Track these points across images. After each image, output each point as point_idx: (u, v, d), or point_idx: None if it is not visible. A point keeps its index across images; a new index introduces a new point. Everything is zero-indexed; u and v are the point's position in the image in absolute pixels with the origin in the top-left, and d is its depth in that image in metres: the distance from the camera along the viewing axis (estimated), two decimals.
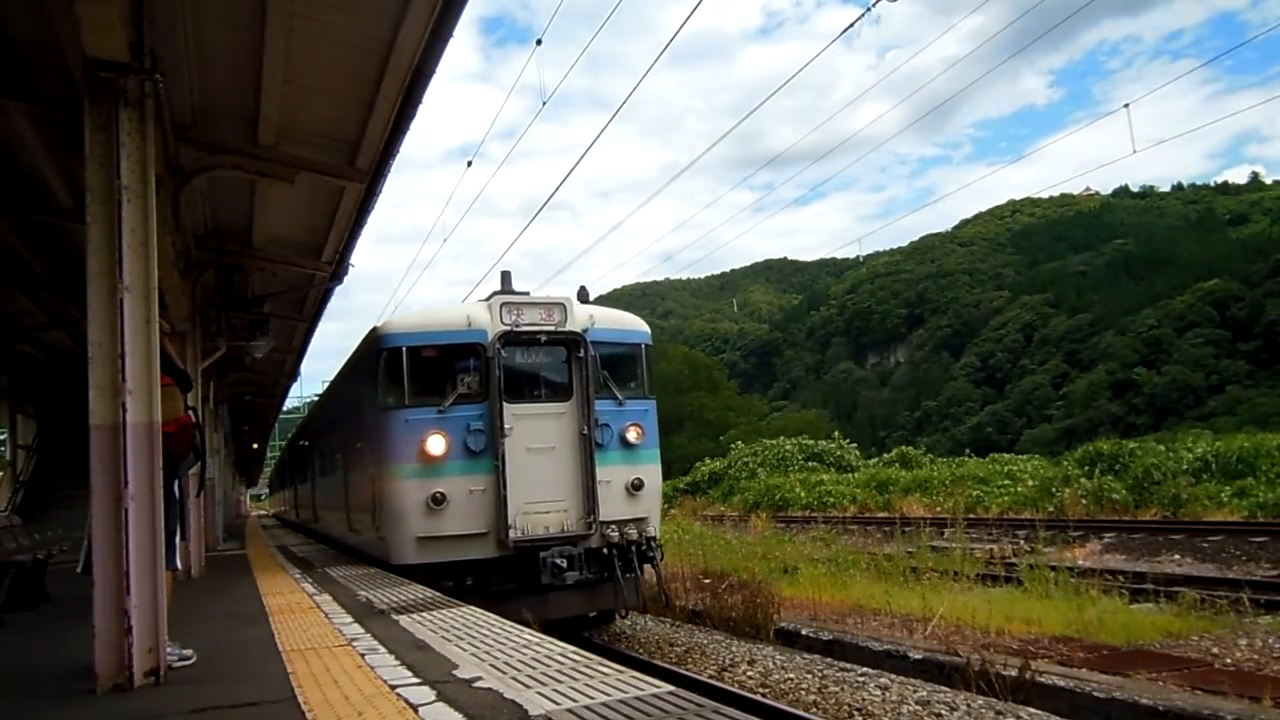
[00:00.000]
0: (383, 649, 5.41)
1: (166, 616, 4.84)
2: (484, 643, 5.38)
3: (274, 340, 13.90)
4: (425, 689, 4.27)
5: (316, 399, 20.85)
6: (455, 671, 4.61)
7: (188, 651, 5.25)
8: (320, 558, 14.04)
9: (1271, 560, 13.29)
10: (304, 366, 23.32)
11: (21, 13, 6.14)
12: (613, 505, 9.63)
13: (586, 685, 4.12)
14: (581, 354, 9.71)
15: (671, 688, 4.00)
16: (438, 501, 9.00)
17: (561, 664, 4.64)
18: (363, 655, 5.23)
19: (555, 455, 9.60)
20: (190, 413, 6.00)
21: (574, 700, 3.86)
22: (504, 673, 4.50)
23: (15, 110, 7.21)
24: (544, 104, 13.84)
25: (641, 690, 3.99)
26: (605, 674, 4.35)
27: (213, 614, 7.53)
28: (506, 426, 9.25)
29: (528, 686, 4.18)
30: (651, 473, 10.21)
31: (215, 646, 5.70)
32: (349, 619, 6.81)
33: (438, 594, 8.09)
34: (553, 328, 9.74)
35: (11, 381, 18.51)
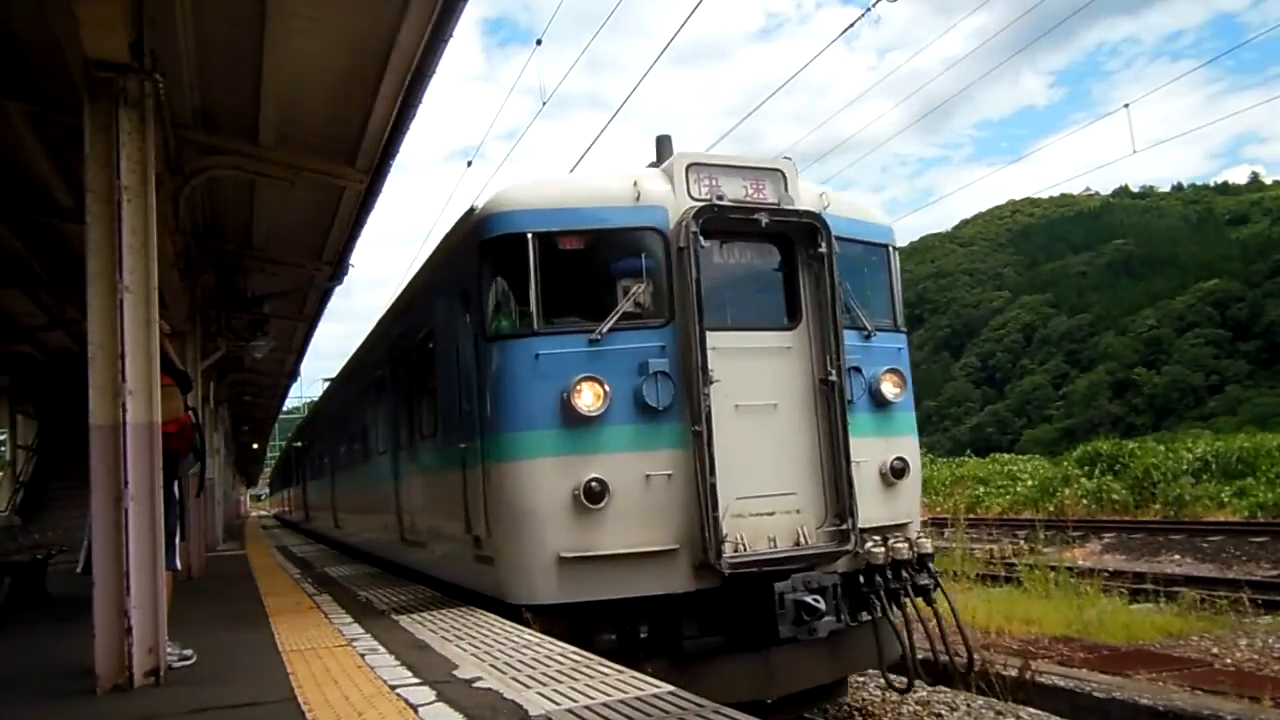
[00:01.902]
0: (383, 649, 5.41)
1: (166, 617, 4.84)
2: (484, 643, 5.38)
3: (274, 340, 13.91)
4: (425, 689, 4.27)
5: (340, 370, 16.17)
6: (455, 671, 4.61)
7: (188, 651, 5.25)
8: (321, 558, 14.05)
9: (1271, 560, 13.30)
10: (304, 366, 23.33)
11: (21, 13, 6.14)
12: (863, 502, 6.16)
13: (587, 685, 4.12)
14: (821, 248, 6.22)
15: (671, 688, 4.00)
16: (594, 495, 5.63)
17: (561, 664, 4.64)
18: (363, 655, 5.23)
19: (779, 418, 6.16)
20: (190, 413, 6.00)
21: (574, 700, 3.86)
22: (504, 673, 4.49)
23: (15, 110, 7.22)
24: (544, 104, 13.85)
25: (641, 690, 3.99)
26: (605, 674, 4.35)
27: (213, 614, 7.53)
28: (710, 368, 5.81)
29: (528, 686, 4.18)
30: (913, 450, 6.87)
31: (215, 647, 5.70)
32: (349, 619, 6.81)
33: (437, 594, 8.03)
34: (774, 204, 6.26)
35: (11, 382, 18.55)
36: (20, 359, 17.04)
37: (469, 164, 18.62)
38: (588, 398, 5.72)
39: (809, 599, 5.71)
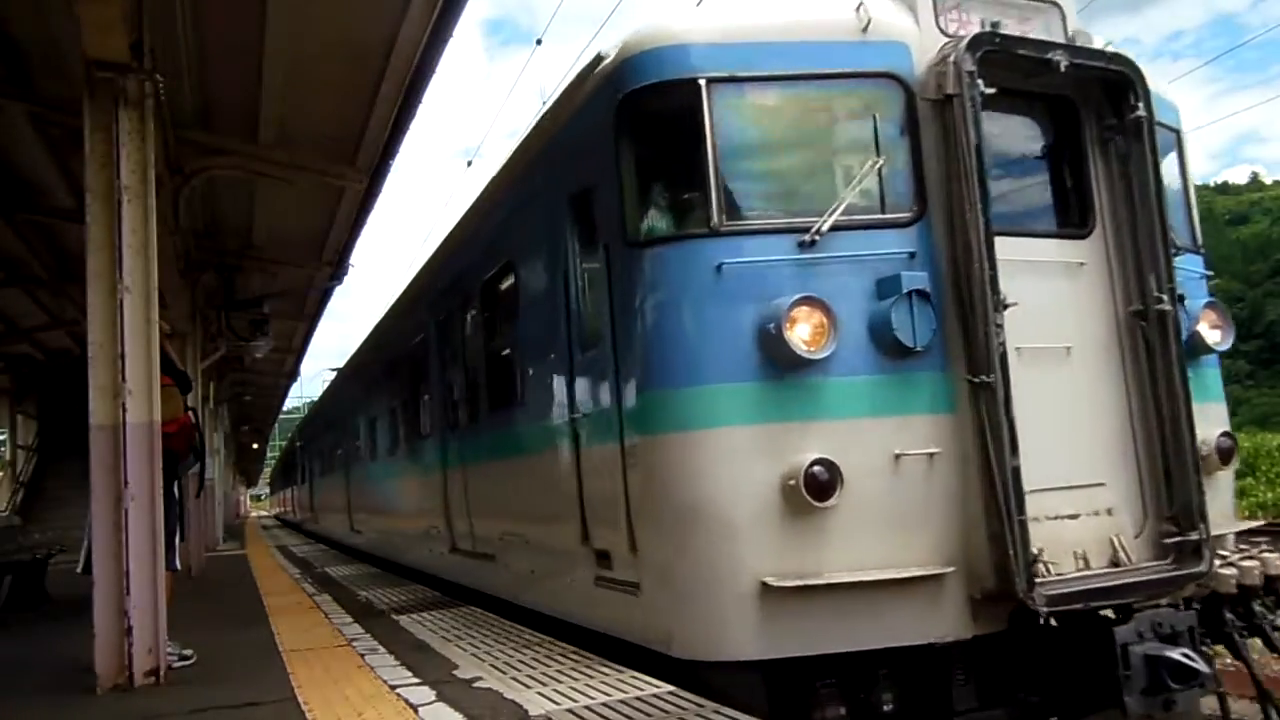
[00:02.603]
0: (383, 649, 5.40)
1: (166, 616, 4.84)
2: (484, 642, 5.38)
3: (274, 340, 13.90)
4: (425, 689, 4.27)
5: (359, 348, 13.95)
6: (455, 671, 4.61)
7: (188, 651, 5.25)
8: (322, 558, 14.04)
9: None
10: (304, 366, 23.28)
11: (21, 13, 6.14)
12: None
13: (587, 685, 4.12)
14: (1138, 110, 4.21)
15: (671, 687, 3.99)
16: (820, 486, 3.73)
17: (562, 664, 4.63)
18: (363, 655, 5.23)
19: (1075, 368, 4.22)
20: (190, 413, 6.00)
21: (574, 700, 3.86)
22: (504, 673, 4.49)
23: (15, 110, 7.21)
24: (544, 104, 13.86)
25: (642, 690, 3.98)
26: (605, 674, 4.34)
27: (213, 614, 7.52)
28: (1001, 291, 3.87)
29: (528, 686, 4.17)
30: (1225, 421, 4.85)
31: (215, 646, 5.69)
32: (349, 619, 6.81)
33: (438, 593, 8.01)
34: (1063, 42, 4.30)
35: (12, 381, 18.58)
36: (20, 359, 17.07)
37: (469, 164, 18.61)
38: (804, 331, 3.75)
39: (1177, 655, 3.63)
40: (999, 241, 3.95)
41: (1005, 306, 3.86)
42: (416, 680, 4.48)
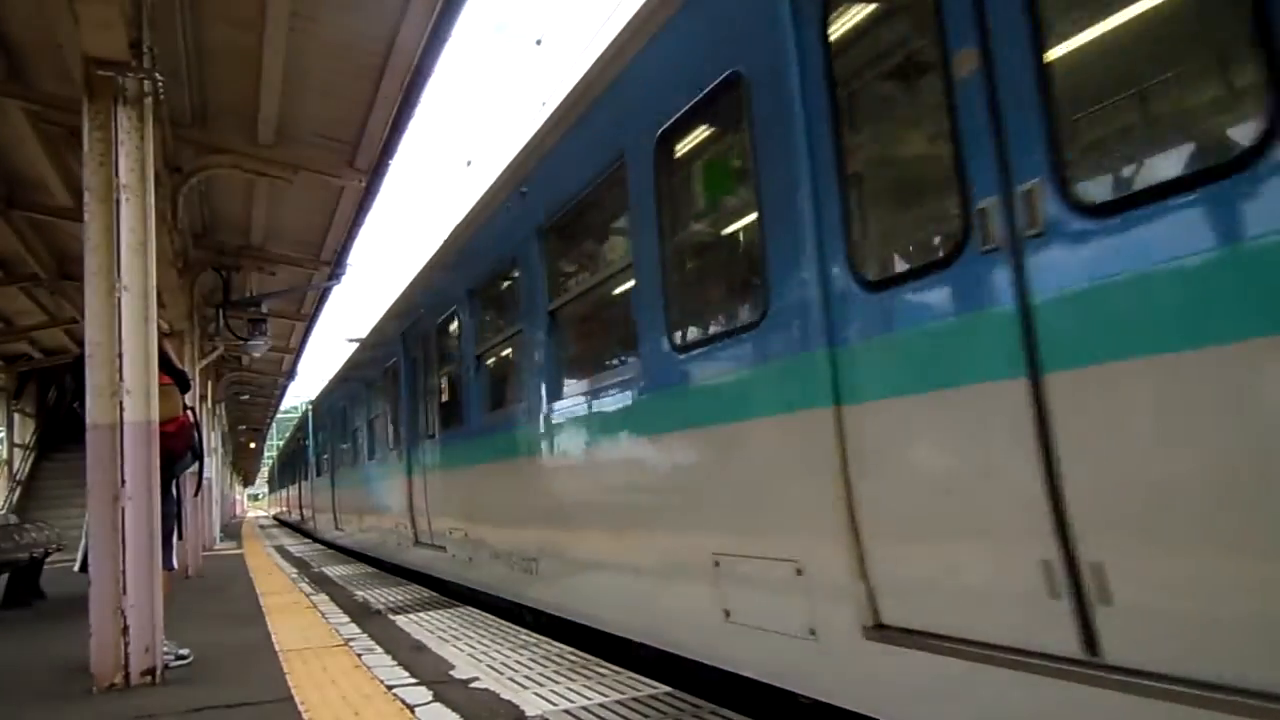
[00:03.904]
0: (380, 649, 5.40)
1: (163, 616, 4.83)
2: (481, 643, 5.38)
3: (272, 340, 13.91)
4: (422, 689, 4.27)
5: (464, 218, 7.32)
6: (452, 672, 4.61)
7: (184, 651, 5.24)
8: (319, 558, 14.04)
9: None
10: (302, 366, 23.28)
11: (21, 12, 6.14)
12: None
13: (585, 685, 4.12)
14: None
15: (670, 688, 3.99)
16: None
17: (560, 664, 4.63)
18: (359, 655, 5.22)
19: None
20: (189, 412, 5.99)
21: (571, 701, 3.86)
22: (501, 673, 4.50)
23: (14, 108, 7.22)
24: (544, 104, 13.87)
25: (639, 691, 3.98)
26: (603, 674, 4.35)
27: (210, 613, 7.51)
28: None
29: (525, 687, 4.17)
30: None
31: (212, 646, 5.68)
32: (346, 619, 6.80)
33: (434, 593, 8.04)
34: None
35: (9, 380, 18.57)
36: (18, 357, 17.07)
37: (469, 164, 18.60)
38: None
39: None
40: None
41: None
42: (413, 680, 4.48)
